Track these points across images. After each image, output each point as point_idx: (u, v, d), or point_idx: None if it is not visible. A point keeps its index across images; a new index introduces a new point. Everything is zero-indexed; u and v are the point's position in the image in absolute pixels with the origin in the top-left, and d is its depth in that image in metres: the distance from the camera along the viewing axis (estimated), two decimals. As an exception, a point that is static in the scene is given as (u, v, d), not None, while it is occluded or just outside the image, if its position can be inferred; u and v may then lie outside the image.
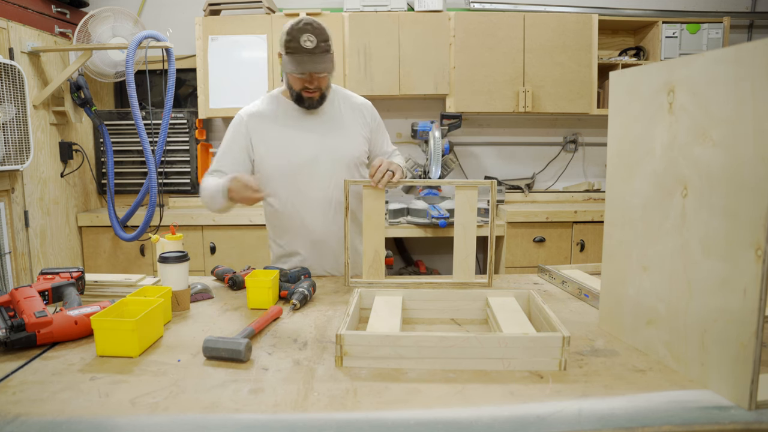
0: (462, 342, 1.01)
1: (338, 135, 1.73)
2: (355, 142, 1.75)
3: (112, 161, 3.00)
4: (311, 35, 1.53)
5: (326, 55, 1.57)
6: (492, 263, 1.59)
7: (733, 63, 0.86)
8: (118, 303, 1.17)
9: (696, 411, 0.86)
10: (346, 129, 1.74)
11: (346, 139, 1.73)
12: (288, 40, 1.55)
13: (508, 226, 3.08)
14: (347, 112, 1.76)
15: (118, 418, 0.84)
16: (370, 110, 1.81)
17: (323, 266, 1.78)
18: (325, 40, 1.55)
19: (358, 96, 1.84)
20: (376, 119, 1.83)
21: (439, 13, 3.24)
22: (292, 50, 1.55)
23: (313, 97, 1.65)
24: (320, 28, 1.55)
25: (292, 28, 1.55)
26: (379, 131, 1.84)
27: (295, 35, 1.53)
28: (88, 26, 2.80)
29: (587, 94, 3.31)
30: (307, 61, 1.55)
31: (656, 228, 1.04)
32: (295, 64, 1.56)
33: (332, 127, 1.73)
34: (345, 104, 1.77)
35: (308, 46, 1.53)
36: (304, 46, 1.53)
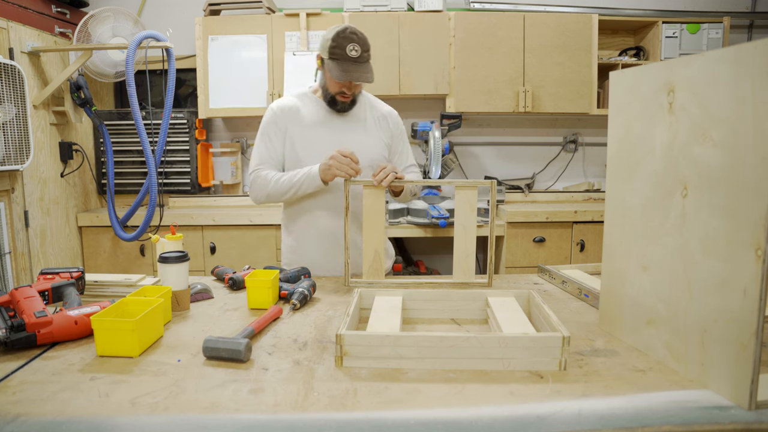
0: (462, 342, 1.01)
1: (360, 137, 1.77)
2: (376, 145, 1.79)
3: (112, 161, 3.00)
4: (357, 45, 1.60)
5: (368, 65, 1.65)
6: (492, 263, 1.59)
7: (733, 63, 0.86)
8: (118, 303, 1.17)
9: (696, 411, 0.86)
10: (368, 132, 1.79)
11: (367, 142, 1.78)
12: (333, 47, 1.61)
13: (508, 226, 3.08)
14: (372, 117, 1.82)
15: (118, 418, 0.84)
16: (394, 118, 1.87)
17: (333, 265, 1.77)
18: (367, 50, 1.63)
19: (384, 104, 1.89)
20: (399, 128, 1.87)
21: (439, 13, 3.24)
22: (337, 57, 1.61)
23: (346, 101, 1.72)
24: (364, 38, 1.63)
25: (337, 35, 1.61)
26: (400, 140, 1.87)
27: (341, 43, 1.60)
28: (88, 26, 2.80)
29: (587, 94, 3.31)
30: (352, 69, 1.62)
31: (656, 228, 1.04)
32: (339, 70, 1.62)
33: (355, 128, 1.78)
34: (371, 109, 1.83)
35: (353, 55, 1.60)
36: (349, 55, 1.60)
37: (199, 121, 3.43)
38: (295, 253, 1.83)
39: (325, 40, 1.64)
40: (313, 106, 1.78)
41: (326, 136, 1.74)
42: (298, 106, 1.78)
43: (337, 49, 1.60)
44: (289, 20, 3.26)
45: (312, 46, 3.26)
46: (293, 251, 1.84)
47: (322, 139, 1.74)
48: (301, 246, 1.81)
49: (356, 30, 1.62)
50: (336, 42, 1.60)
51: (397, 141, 1.86)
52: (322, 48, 1.66)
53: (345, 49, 1.59)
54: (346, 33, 1.60)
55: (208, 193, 3.62)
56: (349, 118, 1.78)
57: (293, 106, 1.78)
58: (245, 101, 3.30)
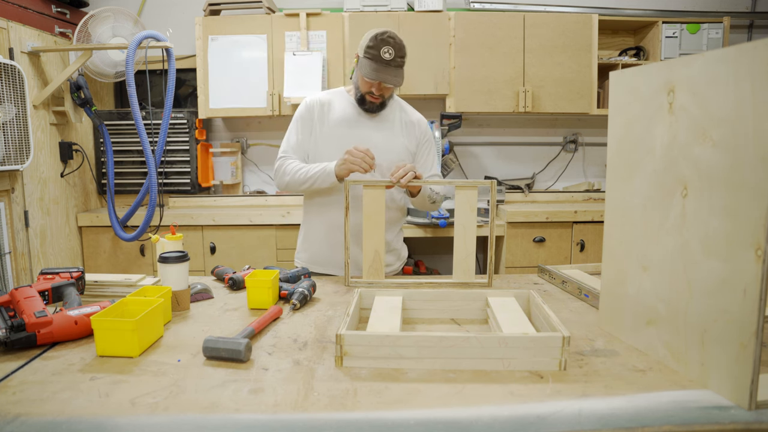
0: (462, 342, 1.01)
1: (385, 140, 1.80)
2: (400, 151, 1.82)
3: (112, 161, 3.00)
4: (392, 48, 1.65)
5: (399, 69, 1.69)
6: (492, 263, 1.59)
7: (733, 63, 0.86)
8: (118, 303, 1.17)
9: (696, 411, 0.86)
10: (394, 137, 1.82)
11: (391, 146, 1.80)
12: (369, 47, 1.66)
13: (508, 226, 3.08)
14: (400, 122, 1.85)
15: (118, 418, 0.84)
16: (423, 127, 1.89)
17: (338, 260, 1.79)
18: (401, 56, 1.68)
19: (416, 111, 1.92)
20: (426, 136, 1.89)
21: (439, 13, 3.24)
22: (371, 57, 1.66)
23: (375, 102, 1.76)
24: (401, 44, 1.67)
25: (376, 37, 1.66)
26: (426, 148, 1.89)
27: (378, 44, 1.65)
28: (88, 26, 2.79)
29: (587, 94, 3.31)
30: (382, 70, 1.66)
31: (656, 228, 1.04)
32: (370, 69, 1.67)
33: (381, 130, 1.81)
34: (400, 114, 1.87)
35: (386, 57, 1.65)
36: (382, 57, 1.65)
37: (199, 121, 3.43)
38: (304, 243, 1.90)
39: (364, 39, 1.69)
40: (344, 105, 1.83)
41: (351, 135, 1.78)
42: (331, 103, 1.83)
43: (373, 50, 1.65)
44: (289, 20, 3.26)
45: (312, 46, 3.26)
46: (303, 242, 1.91)
47: (347, 137, 1.77)
48: (308, 238, 1.88)
49: (395, 35, 1.66)
50: (373, 42, 1.65)
51: (422, 149, 1.88)
52: (360, 46, 1.71)
53: (380, 50, 1.64)
54: (384, 36, 1.65)
55: (208, 193, 3.62)
56: (378, 121, 1.82)
57: (327, 101, 1.84)
58: (245, 101, 3.30)
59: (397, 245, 1.92)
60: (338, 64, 3.26)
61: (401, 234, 1.98)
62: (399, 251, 1.93)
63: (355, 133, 1.78)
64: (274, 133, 3.70)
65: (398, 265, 1.93)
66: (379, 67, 1.66)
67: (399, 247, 1.93)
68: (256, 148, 3.72)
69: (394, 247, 1.89)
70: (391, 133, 1.82)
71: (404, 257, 1.97)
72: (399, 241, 1.94)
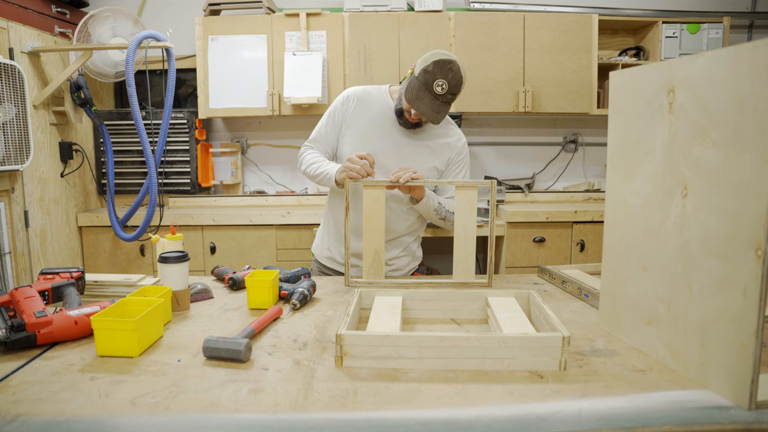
0: (462, 342, 1.01)
1: (415, 151, 1.74)
2: (424, 167, 1.74)
3: (112, 161, 3.00)
4: (446, 83, 1.55)
5: (445, 106, 1.60)
6: (492, 263, 1.59)
7: (733, 63, 0.86)
8: (118, 303, 1.17)
9: (696, 411, 0.86)
10: (423, 152, 1.75)
11: (420, 158, 1.74)
12: (426, 70, 1.56)
13: (508, 226, 3.08)
14: (434, 139, 1.77)
15: (118, 418, 0.84)
16: (458, 147, 1.79)
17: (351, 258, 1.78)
18: (453, 94, 1.58)
19: (456, 130, 1.82)
20: (460, 156, 1.80)
21: (439, 13, 3.24)
22: (422, 82, 1.57)
23: (410, 121, 1.69)
24: (459, 80, 1.57)
25: (437, 63, 1.55)
26: (456, 168, 1.80)
27: (434, 73, 1.55)
28: (88, 26, 2.79)
29: (587, 94, 3.31)
30: (427, 103, 1.57)
31: (656, 228, 1.04)
32: (415, 96, 1.58)
33: (412, 143, 1.75)
34: (437, 131, 1.78)
35: (437, 91, 1.56)
36: (434, 89, 1.56)
37: (199, 121, 3.43)
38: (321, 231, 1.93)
39: (426, 60, 1.59)
40: (383, 107, 1.77)
41: (382, 140, 1.73)
42: (372, 99, 1.78)
43: (428, 75, 1.55)
44: (289, 20, 3.26)
45: (312, 46, 3.26)
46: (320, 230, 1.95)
47: (377, 142, 1.73)
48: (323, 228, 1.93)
49: (458, 69, 1.56)
50: (432, 68, 1.55)
51: (452, 168, 1.80)
52: (418, 64, 1.62)
53: (434, 80, 1.55)
54: (446, 67, 1.55)
55: (208, 193, 3.62)
56: (411, 135, 1.75)
57: (367, 99, 1.77)
58: (245, 101, 3.30)
59: (414, 247, 1.91)
60: (338, 64, 3.26)
61: (419, 240, 1.94)
62: (415, 252, 1.92)
63: (385, 141, 1.73)
64: (274, 133, 3.70)
65: (415, 264, 1.93)
66: (425, 97, 1.57)
67: (415, 248, 1.92)
68: (256, 148, 3.72)
69: (413, 250, 1.89)
70: (421, 146, 1.75)
71: (419, 256, 1.96)
72: (417, 244, 1.92)
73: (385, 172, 1.68)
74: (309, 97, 3.14)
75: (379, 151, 1.71)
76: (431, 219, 1.78)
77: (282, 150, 3.68)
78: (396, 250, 1.83)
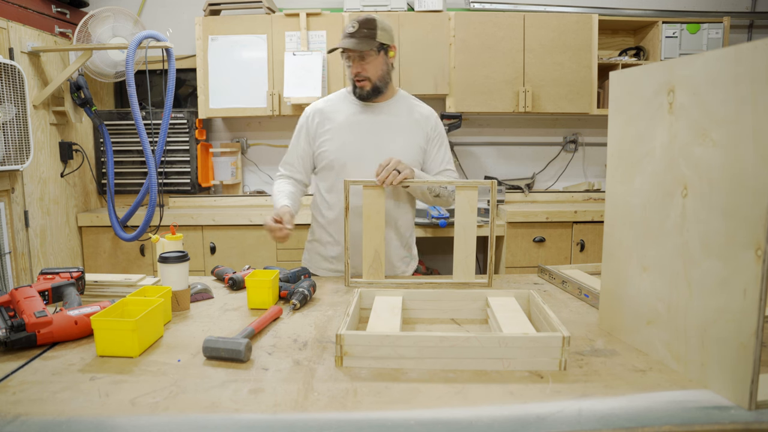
0: (462, 342, 1.01)
1: (392, 137, 1.75)
2: (407, 147, 1.75)
3: (112, 161, 3.00)
4: (356, 22, 1.66)
5: (365, 39, 1.66)
6: (492, 263, 1.59)
7: (733, 63, 0.86)
8: (118, 303, 1.17)
9: (696, 411, 0.86)
10: (400, 133, 1.77)
11: (398, 143, 1.75)
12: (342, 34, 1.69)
13: (508, 226, 3.08)
14: (408, 118, 1.79)
15: (118, 418, 0.84)
16: (432, 121, 1.82)
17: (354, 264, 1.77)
18: (369, 28, 1.66)
19: (426, 105, 1.85)
20: (437, 130, 1.82)
21: (439, 13, 3.24)
22: (341, 38, 1.68)
23: (363, 86, 1.72)
24: (370, 18, 1.68)
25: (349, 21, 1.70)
26: (436, 143, 1.82)
27: (346, 27, 1.68)
28: (88, 26, 2.79)
29: (587, 94, 3.31)
30: (347, 41, 1.65)
31: (656, 228, 1.04)
32: (338, 48, 1.68)
33: (386, 128, 1.76)
34: (408, 110, 1.81)
35: (350, 30, 1.66)
36: (346, 31, 1.67)
37: (199, 121, 3.43)
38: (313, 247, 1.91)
39: None
40: (347, 107, 1.80)
41: (357, 135, 1.75)
42: (333, 108, 1.80)
43: (343, 33, 1.68)
44: (289, 20, 3.26)
45: (312, 46, 3.26)
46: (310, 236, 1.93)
47: (353, 138, 1.75)
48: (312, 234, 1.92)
49: (369, 14, 1.70)
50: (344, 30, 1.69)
51: (433, 144, 1.81)
52: None
53: (346, 28, 1.67)
54: (355, 16, 1.70)
55: (208, 193, 3.62)
56: (381, 117, 1.77)
57: (328, 108, 1.81)
58: (245, 101, 3.30)
59: (411, 241, 1.91)
60: (338, 64, 3.26)
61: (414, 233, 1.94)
62: (411, 247, 1.91)
63: (362, 136, 1.74)
64: (274, 133, 3.70)
65: (414, 264, 1.93)
66: (344, 39, 1.66)
67: (412, 243, 1.92)
68: (256, 148, 3.72)
69: (410, 245, 1.89)
70: (399, 131, 1.76)
71: (416, 255, 1.95)
72: (412, 239, 1.92)
73: (372, 163, 1.67)
74: (309, 97, 3.13)
75: (359, 145, 1.72)
76: (426, 200, 1.78)
77: (282, 150, 3.68)
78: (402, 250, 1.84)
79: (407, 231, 1.87)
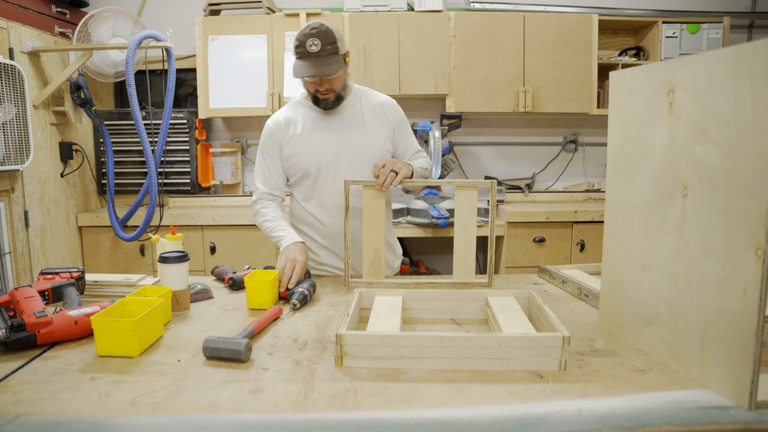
0: (462, 342, 1.01)
1: (358, 134, 1.74)
2: (377, 141, 1.75)
3: (112, 161, 3.00)
4: (316, 39, 1.55)
5: (333, 56, 1.59)
6: (492, 263, 1.59)
7: (733, 63, 0.86)
8: (118, 303, 1.17)
9: (696, 411, 0.86)
10: (367, 128, 1.75)
11: (366, 138, 1.74)
12: (296, 46, 1.59)
13: (508, 226, 3.08)
14: (369, 112, 1.77)
15: (118, 418, 0.84)
16: (393, 108, 1.80)
17: (336, 264, 1.79)
18: (330, 43, 1.57)
19: (382, 95, 1.83)
20: (399, 116, 1.81)
21: (439, 13, 3.24)
22: (300, 55, 1.59)
23: (328, 98, 1.68)
24: (327, 31, 1.57)
25: (300, 34, 1.58)
26: (402, 130, 1.81)
27: (302, 40, 1.57)
28: (88, 26, 2.79)
29: (587, 94, 3.31)
30: (313, 64, 1.58)
31: (656, 228, 1.04)
32: (303, 68, 1.59)
33: (352, 126, 1.74)
34: (367, 103, 1.78)
35: (313, 50, 1.56)
36: (309, 51, 1.56)
37: (199, 121, 3.43)
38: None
39: (293, 41, 1.61)
40: (306, 112, 1.75)
41: (324, 139, 1.72)
42: (292, 117, 1.75)
43: (300, 48, 1.57)
44: (289, 20, 3.26)
45: (312, 46, 3.25)
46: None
47: (320, 142, 1.72)
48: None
49: (319, 24, 1.57)
50: (299, 41, 1.57)
51: (399, 132, 1.80)
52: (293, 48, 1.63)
53: (305, 45, 1.56)
54: (307, 30, 1.57)
55: (208, 193, 3.62)
56: (345, 117, 1.74)
57: (287, 118, 1.75)
58: (245, 101, 3.30)
59: (392, 240, 1.90)
60: (338, 64, 3.26)
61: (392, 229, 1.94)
62: (394, 247, 1.91)
63: (328, 137, 1.71)
64: (274, 133, 3.70)
65: (398, 264, 1.93)
66: (310, 62, 1.57)
67: (394, 242, 1.91)
68: (256, 148, 3.70)
69: (390, 243, 1.87)
70: (363, 126, 1.73)
71: (400, 254, 1.96)
72: (392, 235, 1.92)
73: (346, 164, 1.67)
74: (309, 97, 3.13)
75: (329, 146, 1.70)
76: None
77: (282, 150, 3.67)
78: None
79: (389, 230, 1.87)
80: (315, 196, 1.75)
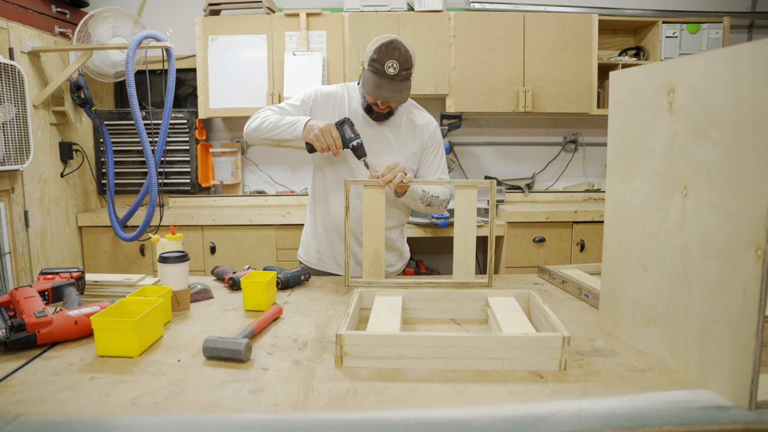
0: (462, 342, 1.01)
1: (386, 142, 1.74)
2: (401, 154, 1.75)
3: (112, 161, 3.00)
4: (396, 62, 1.55)
5: (405, 83, 1.59)
6: (492, 263, 1.59)
7: (733, 63, 0.86)
8: (118, 303, 1.17)
9: (696, 411, 0.86)
10: (397, 139, 1.75)
11: (392, 148, 1.74)
12: (373, 59, 1.57)
13: (508, 226, 3.08)
14: (406, 125, 1.78)
15: (118, 418, 0.84)
16: (430, 130, 1.80)
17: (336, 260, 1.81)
18: (407, 69, 1.57)
19: (426, 114, 1.83)
20: (433, 140, 1.80)
21: (439, 13, 3.24)
22: (375, 71, 1.58)
23: (382, 112, 1.69)
24: (406, 55, 1.56)
25: (380, 48, 1.56)
26: (432, 152, 1.80)
27: (382, 57, 1.56)
28: (88, 26, 2.79)
29: (587, 94, 3.31)
30: (385, 86, 1.58)
31: (656, 228, 1.04)
32: (373, 86, 1.59)
33: (384, 132, 1.75)
34: (407, 117, 1.79)
35: (390, 72, 1.56)
36: (386, 71, 1.56)
37: (199, 121, 3.43)
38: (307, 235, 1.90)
39: (369, 50, 1.61)
40: (349, 101, 1.76)
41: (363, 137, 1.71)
42: (338, 97, 1.76)
43: (377, 63, 1.56)
44: (289, 20, 3.26)
45: (312, 46, 3.26)
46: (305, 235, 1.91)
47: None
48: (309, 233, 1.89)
49: (401, 45, 1.56)
50: (377, 55, 1.56)
51: (428, 153, 1.80)
52: (365, 56, 1.63)
53: (384, 64, 1.55)
54: (389, 48, 1.55)
55: (208, 193, 3.62)
56: (385, 125, 1.75)
57: (336, 94, 1.76)
58: (245, 101, 3.30)
59: (400, 245, 1.90)
60: (338, 64, 3.26)
61: (404, 234, 1.94)
62: (401, 251, 1.91)
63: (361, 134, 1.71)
64: (274, 133, 3.70)
65: (400, 266, 1.93)
66: (383, 83, 1.57)
67: (401, 247, 1.91)
68: (256, 148, 3.72)
69: (397, 247, 1.87)
70: (396, 137, 1.75)
71: (406, 258, 1.96)
72: (402, 240, 1.92)
73: (372, 161, 1.67)
74: (309, 97, 3.13)
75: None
76: (417, 208, 1.77)
77: (282, 150, 3.67)
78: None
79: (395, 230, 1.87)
80: (330, 185, 1.76)
